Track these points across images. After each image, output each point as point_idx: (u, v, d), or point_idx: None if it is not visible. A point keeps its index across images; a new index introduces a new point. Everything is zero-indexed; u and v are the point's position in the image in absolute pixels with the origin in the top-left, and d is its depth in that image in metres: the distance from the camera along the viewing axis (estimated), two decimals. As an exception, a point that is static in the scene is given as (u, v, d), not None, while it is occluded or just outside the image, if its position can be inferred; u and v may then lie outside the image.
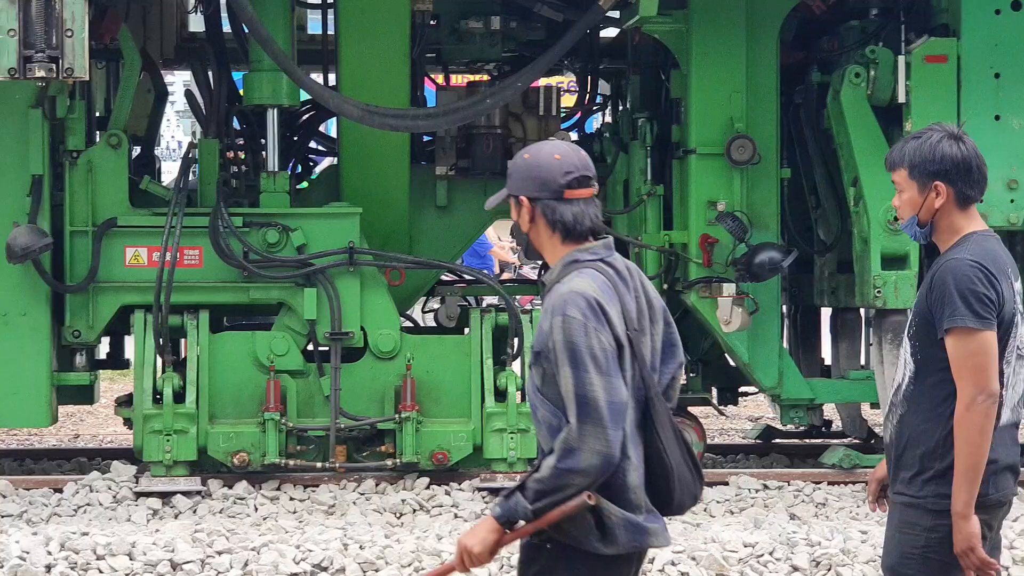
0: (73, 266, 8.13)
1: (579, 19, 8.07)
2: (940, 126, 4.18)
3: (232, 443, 8.05)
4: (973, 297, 4.00)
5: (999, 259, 4.10)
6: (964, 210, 4.14)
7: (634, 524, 3.84)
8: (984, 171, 4.15)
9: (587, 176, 3.90)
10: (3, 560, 6.53)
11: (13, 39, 7.03)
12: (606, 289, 3.83)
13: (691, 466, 3.96)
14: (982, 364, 4.00)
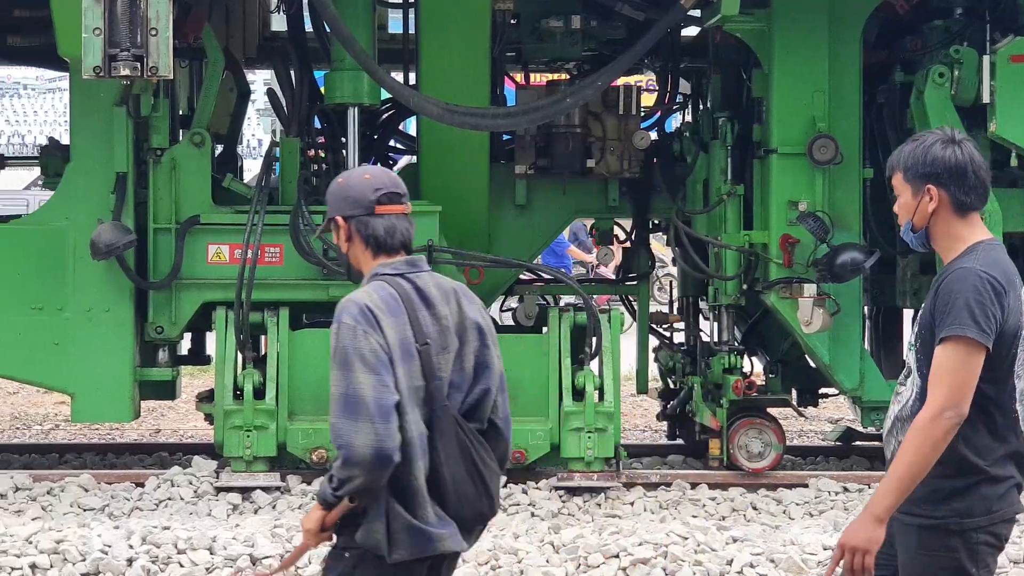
0: (156, 263, 8.21)
1: (660, 18, 8.03)
2: (941, 130, 4.10)
3: (311, 440, 8.09)
4: (979, 309, 3.89)
5: (1008, 270, 4.01)
6: (963, 217, 4.04)
7: (418, 530, 3.97)
8: (982, 178, 4.03)
9: (397, 193, 4.13)
10: (85, 553, 6.61)
11: (98, 38, 7.10)
12: (389, 301, 3.99)
13: (479, 482, 4.05)
14: (964, 380, 3.88)
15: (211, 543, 6.78)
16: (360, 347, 3.91)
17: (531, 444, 8.14)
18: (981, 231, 4.07)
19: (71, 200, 8.17)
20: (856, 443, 9.89)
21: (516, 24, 8.94)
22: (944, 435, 3.87)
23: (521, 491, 7.98)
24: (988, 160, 4.40)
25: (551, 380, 8.21)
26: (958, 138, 4.05)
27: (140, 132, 8.24)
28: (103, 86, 7.80)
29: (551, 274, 9.39)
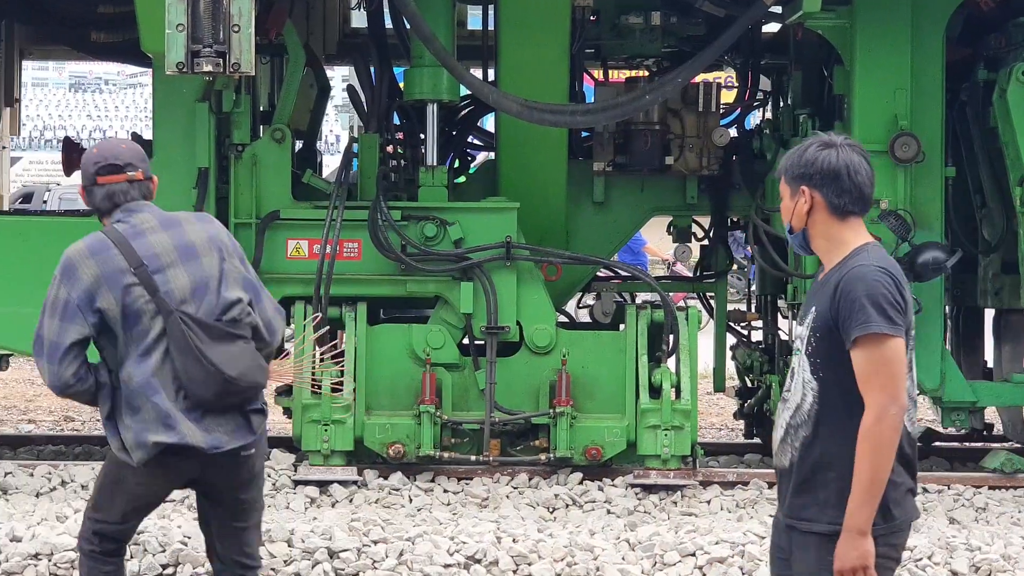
0: (237, 257, 8.26)
1: (741, 14, 7.99)
2: (825, 134, 4.10)
3: (388, 434, 8.13)
4: (885, 302, 3.89)
5: (899, 268, 4.01)
6: (843, 221, 4.03)
7: (137, 433, 4.92)
8: (859, 182, 4.01)
9: (116, 164, 4.99)
10: (165, 544, 6.67)
11: (181, 34, 7.16)
12: (94, 244, 4.93)
13: (207, 365, 4.87)
14: (895, 373, 3.87)
15: (289, 535, 6.82)
16: (54, 296, 4.92)
17: (607, 441, 8.13)
18: (864, 235, 4.06)
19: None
20: (936, 443, 9.79)
21: (595, 20, 8.93)
22: (893, 432, 3.86)
23: (597, 488, 7.98)
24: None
25: (628, 377, 8.20)
26: (838, 142, 4.04)
27: (221, 128, 8.30)
28: (185, 82, 7.87)
29: (629, 271, 9.37)
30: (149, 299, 4.89)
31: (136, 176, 5.04)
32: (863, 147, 4.11)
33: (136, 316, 4.92)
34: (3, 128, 10.54)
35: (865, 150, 4.10)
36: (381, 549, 6.74)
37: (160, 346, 4.94)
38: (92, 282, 4.89)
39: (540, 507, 7.73)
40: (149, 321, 4.93)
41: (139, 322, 4.93)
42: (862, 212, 4.07)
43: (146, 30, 7.55)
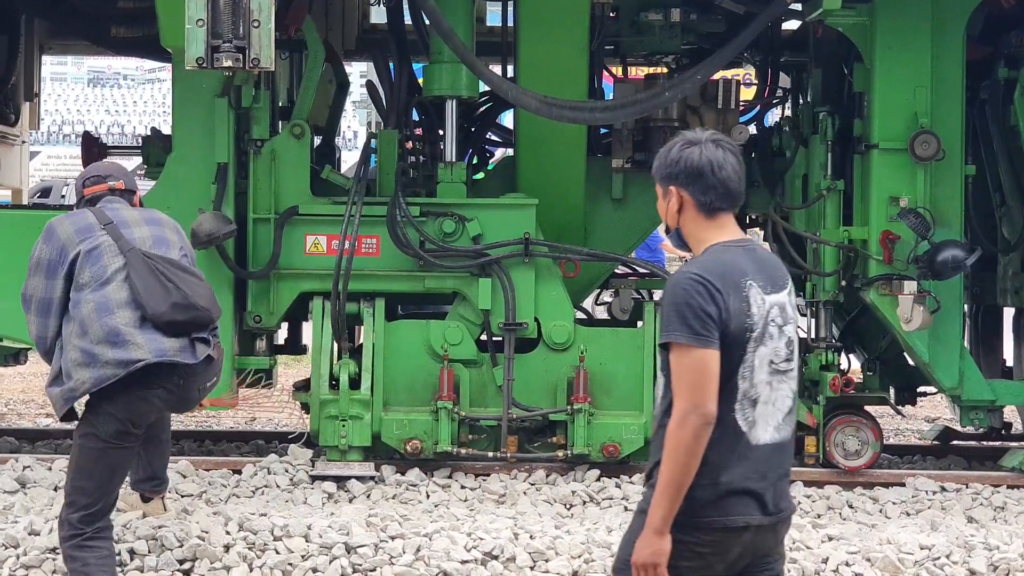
0: (255, 253, 8.28)
1: (761, 11, 7.97)
2: (692, 131, 4.10)
3: (405, 430, 8.14)
4: (689, 312, 3.88)
5: (733, 271, 3.96)
6: (710, 219, 4.03)
7: (84, 352, 5.73)
8: (723, 178, 3.99)
9: (99, 176, 6.14)
10: (183, 539, 6.68)
11: (201, 29, 7.16)
12: (75, 216, 5.97)
13: (165, 281, 5.80)
14: (697, 382, 3.87)
15: (307, 531, 6.83)
16: (38, 257, 5.88)
17: (625, 438, 8.13)
18: (726, 232, 4.04)
19: (172, 190, 8.25)
20: (954, 442, 9.77)
21: (615, 17, 8.92)
22: (693, 438, 3.87)
23: (614, 485, 7.98)
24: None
25: (646, 374, 8.19)
26: (703, 139, 4.03)
27: (241, 123, 8.31)
28: (205, 77, 7.87)
29: (647, 268, 9.36)
30: (112, 243, 5.85)
31: (117, 185, 6.12)
32: (731, 142, 4.08)
33: (98, 256, 5.83)
34: (23, 123, 10.57)
35: (733, 145, 4.08)
36: (398, 545, 6.75)
37: (119, 276, 5.82)
38: (66, 237, 5.86)
39: (557, 503, 7.73)
40: (110, 259, 5.84)
41: (99, 260, 5.83)
42: (731, 208, 4.05)
43: (166, 25, 7.56)
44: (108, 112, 47.00)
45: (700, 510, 3.94)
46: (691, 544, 3.95)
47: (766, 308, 3.99)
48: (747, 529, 3.97)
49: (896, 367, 9.24)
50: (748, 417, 3.99)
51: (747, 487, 3.96)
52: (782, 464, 4.05)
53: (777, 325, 4.00)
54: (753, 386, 3.98)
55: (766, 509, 3.99)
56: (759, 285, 4.00)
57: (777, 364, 4.00)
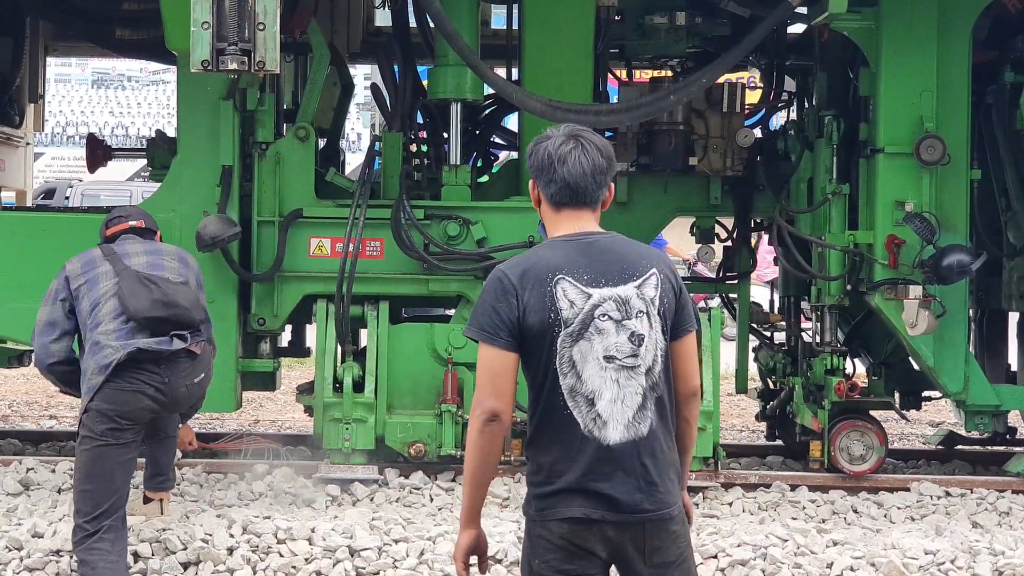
0: (260, 255, 8.27)
1: (767, 15, 7.96)
2: (554, 128, 4.10)
3: (409, 433, 8.12)
4: (480, 308, 3.93)
5: (540, 265, 3.94)
6: (558, 212, 4.02)
7: (90, 370, 6.13)
8: (563, 173, 3.96)
9: (121, 216, 6.71)
10: (187, 542, 6.68)
11: (207, 31, 7.15)
12: (83, 257, 6.45)
13: (150, 287, 6.22)
14: (481, 377, 3.91)
15: (310, 534, 6.82)
16: (51, 288, 6.36)
17: (629, 442, 8.10)
18: (564, 227, 4.01)
19: (177, 192, 8.25)
20: (959, 447, 9.75)
21: (620, 20, 8.91)
22: (477, 432, 3.92)
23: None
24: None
25: (651, 378, 8.16)
26: (558, 133, 4.02)
27: (245, 126, 8.30)
28: (210, 80, 7.86)
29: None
30: (110, 268, 6.33)
31: (137, 224, 6.65)
32: (595, 139, 4.03)
33: (95, 282, 6.30)
34: (27, 124, 10.57)
35: (595, 141, 4.01)
36: (402, 548, 6.74)
37: (110, 292, 6.24)
38: (71, 270, 6.38)
39: (561, 508, 7.70)
40: (105, 282, 6.28)
41: (96, 285, 6.28)
42: (575, 203, 4.01)
43: (171, 28, 7.56)
44: (112, 114, 47.04)
45: (545, 506, 3.92)
46: (546, 537, 3.93)
47: (589, 302, 3.91)
48: (596, 523, 3.89)
49: (901, 371, 9.23)
50: (589, 415, 3.91)
51: (590, 486, 3.89)
52: (645, 462, 3.92)
53: (613, 320, 3.91)
54: (583, 382, 3.91)
55: (619, 507, 3.90)
56: (580, 279, 3.92)
57: (621, 360, 3.92)
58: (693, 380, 4.07)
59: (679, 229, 10.42)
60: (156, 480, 6.91)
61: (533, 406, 3.96)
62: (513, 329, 3.90)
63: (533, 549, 3.96)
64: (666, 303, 3.97)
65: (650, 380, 3.94)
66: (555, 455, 3.92)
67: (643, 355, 3.92)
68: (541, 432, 3.96)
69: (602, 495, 3.89)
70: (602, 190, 4.05)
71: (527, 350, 3.92)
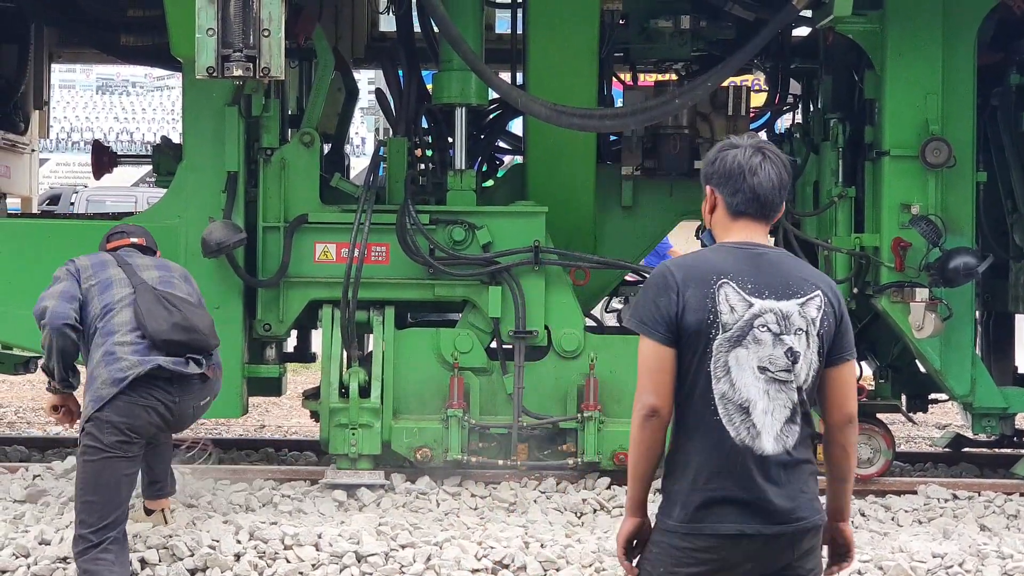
0: (265, 261, 8.27)
1: (771, 18, 7.95)
2: (737, 136, 4.12)
3: (415, 438, 8.12)
4: (642, 301, 3.95)
5: (705, 267, 3.95)
6: (734, 221, 4.04)
7: (101, 379, 6.18)
8: (753, 184, 3.98)
9: (122, 232, 6.86)
10: (193, 549, 6.67)
11: (212, 38, 7.16)
12: (94, 257, 6.60)
13: (168, 307, 6.34)
14: (641, 370, 3.94)
15: (317, 539, 6.82)
16: (59, 273, 6.47)
17: (636, 446, 8.09)
18: (737, 234, 4.03)
19: (183, 198, 8.24)
20: (966, 450, 9.73)
21: (624, 24, 8.90)
22: (638, 427, 3.93)
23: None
24: None
25: (656, 382, 8.15)
26: (745, 143, 4.04)
27: (251, 131, 8.29)
28: (215, 86, 7.86)
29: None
30: (124, 276, 6.43)
31: (138, 241, 6.79)
32: (776, 152, 4.07)
33: (108, 286, 6.39)
34: (32, 131, 10.57)
35: (777, 155, 4.05)
36: (409, 553, 6.73)
37: (125, 302, 6.33)
38: (83, 266, 6.49)
39: (568, 512, 7.71)
40: (119, 289, 6.38)
41: (109, 290, 6.37)
42: (758, 215, 4.04)
43: (176, 34, 7.56)
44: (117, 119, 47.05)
45: (693, 517, 3.92)
46: (691, 550, 3.93)
47: (750, 311, 3.94)
48: (744, 538, 3.91)
49: (908, 374, 9.22)
50: (743, 424, 3.92)
51: (746, 498, 3.90)
52: (794, 473, 3.96)
53: (771, 332, 3.93)
54: (736, 390, 3.93)
55: (773, 518, 3.92)
56: (743, 287, 3.94)
57: (774, 372, 3.94)
58: (848, 407, 4.12)
59: (684, 232, 10.41)
60: (154, 488, 6.92)
61: (679, 407, 3.97)
62: (671, 324, 3.91)
63: (666, 558, 3.95)
64: (826, 326, 4.01)
65: (800, 396, 3.99)
66: (701, 461, 3.93)
67: (797, 372, 3.97)
68: (686, 436, 3.96)
69: (757, 507, 3.91)
70: (783, 204, 4.10)
71: (681, 349, 3.93)
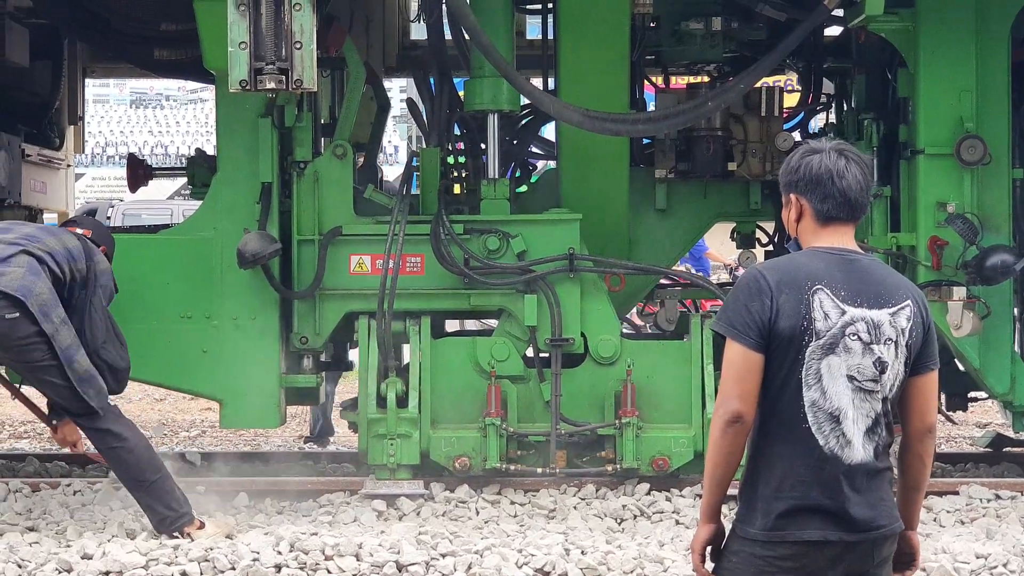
0: (300, 273, 8.28)
1: (803, 19, 7.92)
2: (817, 140, 4.05)
3: (454, 447, 8.12)
4: (732, 305, 3.87)
5: (799, 272, 3.89)
6: (824, 227, 3.98)
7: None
8: (843, 187, 3.93)
9: (71, 221, 7.49)
10: (234, 562, 6.68)
11: (244, 51, 7.18)
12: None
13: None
14: (727, 376, 3.86)
15: (358, 549, 6.82)
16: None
17: (674, 451, 8.09)
18: (826, 239, 3.98)
19: (218, 210, 8.26)
20: (1007, 449, 9.67)
21: (655, 27, 8.89)
22: (719, 433, 3.86)
23: (665, 499, 7.93)
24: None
25: (693, 387, 8.15)
26: (826, 147, 3.99)
27: (284, 142, 8.30)
28: (248, 98, 7.87)
29: (691, 279, 9.31)
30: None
31: (84, 232, 7.32)
32: (856, 152, 4.02)
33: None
34: (67, 146, 10.64)
35: (858, 155, 4.01)
36: (449, 562, 6.73)
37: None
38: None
39: (608, 518, 7.69)
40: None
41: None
42: (848, 218, 3.99)
43: (209, 48, 7.59)
44: (151, 133, 47.28)
45: (776, 525, 3.88)
46: (773, 559, 3.89)
47: (842, 319, 3.89)
48: (827, 545, 3.88)
49: (947, 373, 9.15)
50: (833, 433, 3.89)
51: (831, 506, 3.87)
52: (876, 481, 3.92)
53: (862, 341, 3.88)
54: (827, 398, 3.88)
55: (857, 526, 3.88)
56: (836, 294, 3.90)
57: (861, 382, 3.89)
58: (929, 417, 4.04)
59: (719, 234, 10.39)
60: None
61: (762, 414, 3.92)
62: (763, 330, 3.86)
63: (748, 567, 3.91)
64: (914, 336, 3.96)
65: (884, 407, 3.94)
66: (785, 469, 3.89)
67: (884, 382, 3.92)
68: (771, 443, 3.92)
69: (840, 514, 3.87)
70: (868, 205, 4.08)
71: (770, 355, 3.88)
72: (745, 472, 3.97)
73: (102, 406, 7.00)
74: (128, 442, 7.00)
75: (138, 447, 7.03)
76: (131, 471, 7.02)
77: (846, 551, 3.89)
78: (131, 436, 7.04)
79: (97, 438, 7.03)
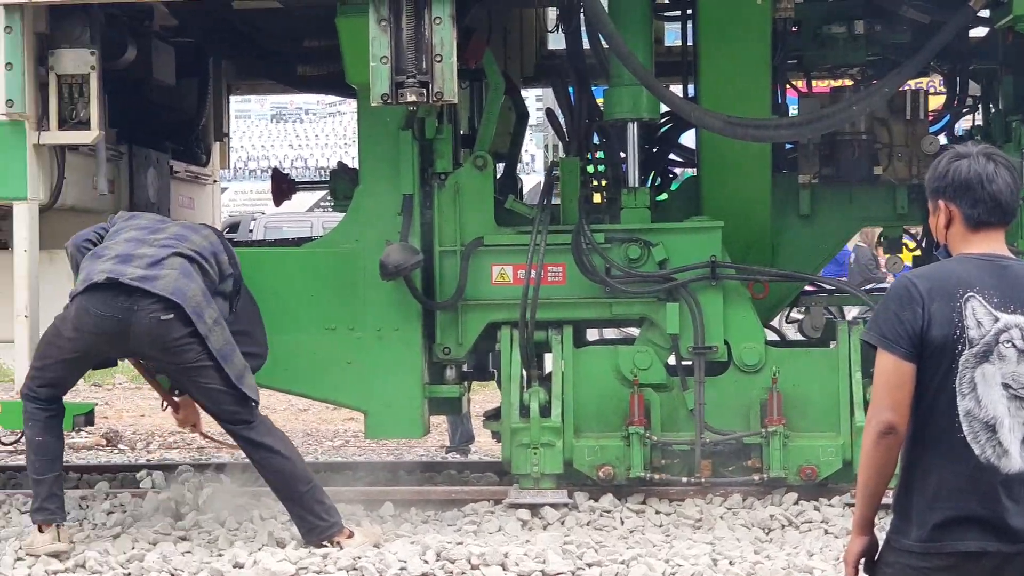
0: (442, 284, 8.32)
1: (947, 20, 7.78)
2: (963, 144, 3.93)
3: (597, 456, 8.10)
4: (883, 315, 3.81)
5: (950, 279, 3.80)
6: (975, 232, 3.89)
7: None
8: (993, 191, 3.84)
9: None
10: (382, 571, 6.73)
11: (386, 66, 7.25)
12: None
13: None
14: (880, 386, 3.80)
15: (503, 559, 6.83)
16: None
17: (822, 460, 7.98)
18: (976, 245, 3.89)
19: (360, 222, 8.34)
20: None
21: (797, 31, 8.79)
22: (872, 444, 3.82)
23: (813, 508, 7.83)
24: None
25: (841, 395, 8.03)
26: (973, 151, 3.90)
27: (424, 154, 8.35)
28: (389, 111, 7.93)
29: (835, 286, 9.19)
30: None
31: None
32: (1004, 156, 3.95)
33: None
34: (213, 162, 10.83)
35: (1006, 159, 3.94)
36: (595, 572, 6.71)
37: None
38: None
39: (755, 528, 7.61)
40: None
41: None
42: (999, 222, 3.92)
43: (351, 63, 7.67)
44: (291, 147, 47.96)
45: (931, 537, 3.83)
46: (929, 570, 3.84)
47: (996, 326, 3.83)
48: (985, 556, 3.82)
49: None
50: (989, 443, 3.82)
51: (988, 517, 3.81)
52: (1011, 497, 3.85)
53: (1016, 348, 3.82)
54: (982, 407, 3.82)
55: (1016, 537, 3.82)
56: (989, 300, 3.84)
57: (1015, 389, 3.83)
58: None
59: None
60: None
61: (915, 424, 3.88)
62: (915, 339, 3.83)
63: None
64: None
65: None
66: (940, 479, 3.85)
67: None
68: (923, 453, 3.88)
69: (999, 526, 3.83)
70: (1018, 209, 4.05)
71: (922, 364, 3.85)
72: (899, 483, 3.91)
73: (254, 415, 7.10)
74: (280, 453, 7.09)
75: (290, 458, 7.12)
76: (283, 482, 7.10)
77: (1004, 563, 3.81)
78: (283, 447, 7.13)
79: (250, 448, 7.13)
